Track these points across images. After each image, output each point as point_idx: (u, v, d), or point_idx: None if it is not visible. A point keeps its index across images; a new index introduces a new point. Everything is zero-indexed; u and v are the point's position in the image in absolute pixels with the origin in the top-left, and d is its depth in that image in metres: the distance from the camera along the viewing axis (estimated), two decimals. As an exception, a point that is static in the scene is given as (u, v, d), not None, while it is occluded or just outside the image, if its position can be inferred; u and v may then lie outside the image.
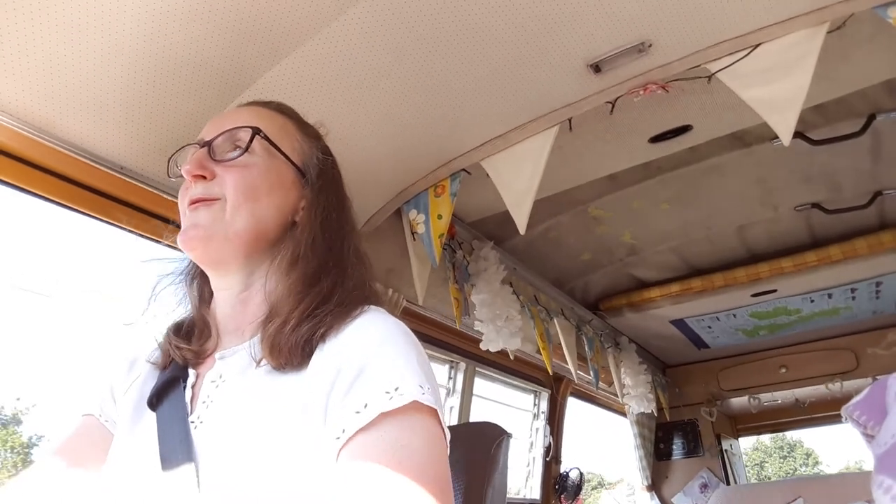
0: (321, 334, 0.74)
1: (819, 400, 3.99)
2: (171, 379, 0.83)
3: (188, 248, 0.82)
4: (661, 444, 4.21)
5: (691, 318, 3.35)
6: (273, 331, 0.75)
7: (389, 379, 0.67)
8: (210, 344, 0.86)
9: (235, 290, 0.85)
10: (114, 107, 1.17)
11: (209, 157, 0.84)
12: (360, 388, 0.67)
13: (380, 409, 0.64)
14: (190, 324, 0.90)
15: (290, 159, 0.87)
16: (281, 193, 0.85)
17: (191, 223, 0.82)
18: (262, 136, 0.85)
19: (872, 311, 3.35)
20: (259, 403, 0.72)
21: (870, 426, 1.79)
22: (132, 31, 1.06)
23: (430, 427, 0.67)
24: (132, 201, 1.33)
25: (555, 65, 1.42)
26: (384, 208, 1.83)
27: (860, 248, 2.62)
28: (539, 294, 2.66)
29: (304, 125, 0.95)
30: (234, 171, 0.82)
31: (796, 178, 2.25)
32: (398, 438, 0.64)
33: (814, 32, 1.33)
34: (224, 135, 0.85)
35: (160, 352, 0.89)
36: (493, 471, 1.59)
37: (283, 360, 0.73)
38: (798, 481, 2.95)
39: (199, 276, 0.93)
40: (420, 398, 0.66)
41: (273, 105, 0.94)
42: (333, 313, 0.76)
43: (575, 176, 2.00)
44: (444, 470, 0.66)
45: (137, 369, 0.92)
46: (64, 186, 1.22)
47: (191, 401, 0.79)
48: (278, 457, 0.66)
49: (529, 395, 3.40)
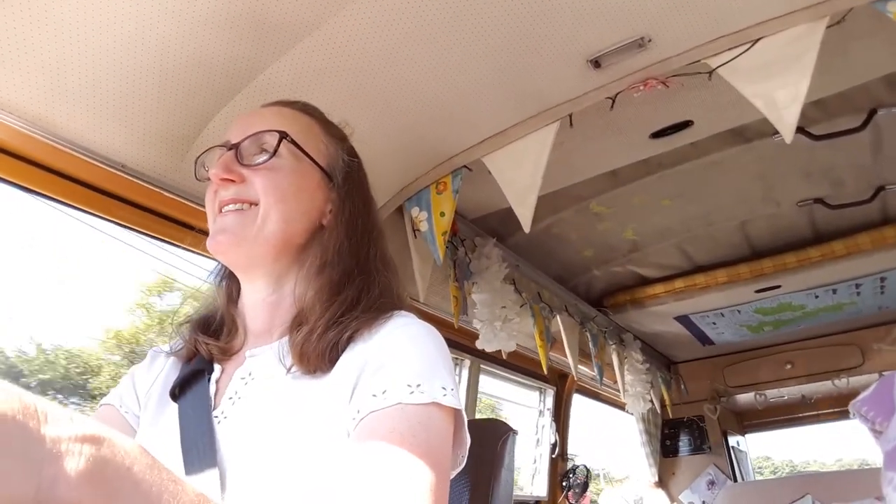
0: (347, 338, 0.75)
1: (825, 396, 3.98)
2: (195, 371, 0.84)
3: (218, 253, 0.83)
4: (667, 441, 4.20)
5: (695, 315, 3.35)
6: (301, 339, 0.76)
7: (413, 375, 0.68)
8: (237, 342, 0.87)
9: (265, 294, 0.85)
10: (114, 104, 1.17)
11: (236, 160, 0.84)
12: (382, 378, 0.68)
13: (398, 399, 0.65)
14: (217, 321, 0.91)
15: (316, 162, 0.87)
16: (308, 197, 0.86)
17: (220, 228, 0.82)
18: (290, 140, 0.84)
19: (878, 307, 3.33)
20: (286, 405, 0.73)
21: (878, 422, 1.78)
22: (132, 28, 1.07)
23: (443, 427, 0.68)
24: (133, 199, 1.34)
25: (555, 60, 1.42)
26: (386, 205, 1.84)
27: (864, 243, 2.61)
28: (542, 291, 2.66)
29: (329, 125, 0.95)
30: (262, 175, 0.83)
31: (798, 173, 2.25)
32: (409, 426, 0.64)
33: (814, 27, 1.33)
34: (251, 138, 0.85)
35: (184, 345, 0.90)
36: (500, 468, 1.60)
37: (312, 367, 0.74)
38: (806, 477, 2.94)
39: (227, 276, 0.93)
40: (441, 399, 0.67)
41: (298, 105, 0.94)
42: (359, 319, 0.77)
43: (576, 172, 2.00)
44: (443, 459, 0.66)
45: (160, 362, 0.93)
46: (64, 184, 1.23)
47: (215, 395, 0.80)
48: (302, 457, 0.67)
49: (535, 392, 3.41)
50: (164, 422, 0.81)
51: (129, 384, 0.92)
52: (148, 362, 0.94)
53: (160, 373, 0.91)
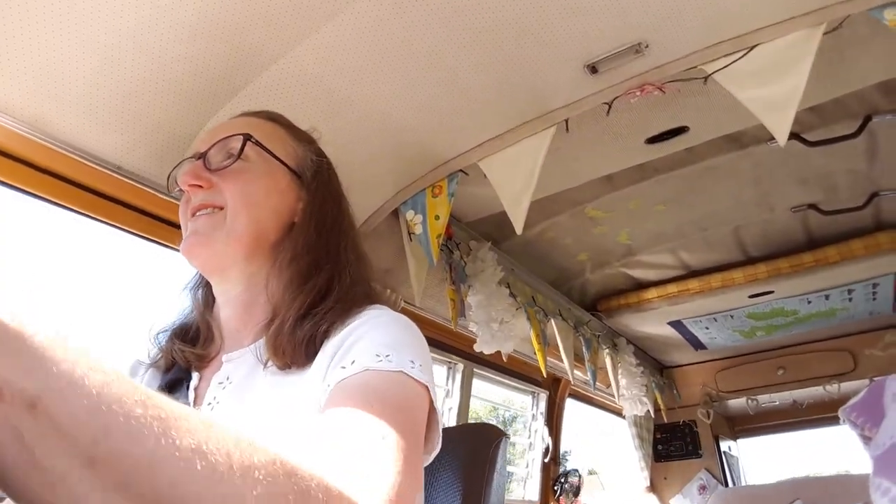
0: (324, 331, 0.75)
1: (817, 401, 3.99)
2: (174, 381, 0.84)
3: (190, 256, 0.83)
4: (659, 446, 4.20)
5: (688, 319, 3.36)
6: (274, 332, 0.76)
7: (382, 347, 0.68)
8: (214, 348, 0.87)
9: (237, 292, 0.86)
10: (110, 106, 1.17)
11: (204, 167, 0.85)
12: (350, 353, 0.68)
13: (366, 365, 0.65)
14: (194, 328, 0.91)
15: (283, 162, 0.88)
16: (278, 197, 0.87)
17: (191, 231, 0.83)
18: (254, 142, 0.86)
19: (869, 313, 3.35)
20: (265, 403, 0.73)
21: (867, 428, 1.79)
22: (128, 32, 1.07)
23: (415, 395, 0.67)
24: (128, 200, 1.33)
25: (552, 66, 1.42)
26: (381, 209, 1.83)
27: (857, 249, 2.63)
28: (536, 294, 2.66)
29: (295, 130, 0.96)
30: (230, 179, 0.84)
31: (792, 179, 2.26)
32: (375, 386, 0.64)
33: (810, 34, 1.33)
34: (217, 144, 0.86)
35: (161, 355, 0.90)
36: (492, 472, 1.59)
37: (288, 360, 0.74)
38: (796, 483, 2.94)
39: (203, 285, 0.94)
40: (409, 371, 0.66)
41: (263, 114, 0.96)
42: (334, 311, 0.77)
43: (572, 177, 2.00)
44: (417, 431, 0.65)
45: (140, 375, 0.92)
46: (59, 185, 1.22)
47: (193, 402, 0.80)
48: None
49: (528, 397, 3.40)
50: None
51: None
52: (129, 374, 0.93)
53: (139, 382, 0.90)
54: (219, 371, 0.82)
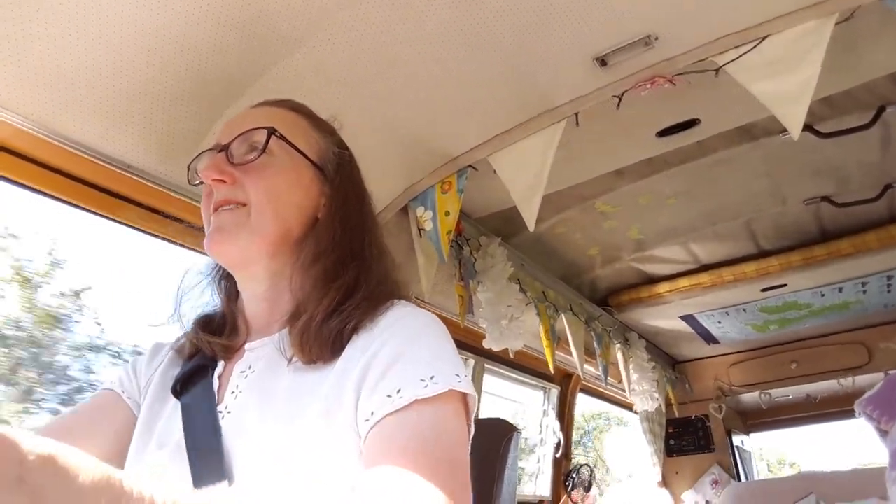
0: (351, 328, 0.75)
1: (831, 395, 3.96)
2: (198, 368, 0.84)
3: (214, 253, 0.83)
4: (671, 441, 4.19)
5: (701, 314, 3.34)
6: (301, 327, 0.76)
7: (425, 368, 0.68)
8: (239, 339, 0.87)
9: (263, 289, 0.85)
10: (120, 105, 1.17)
11: (227, 160, 0.84)
12: (393, 376, 0.67)
13: (415, 395, 0.64)
14: (220, 319, 0.91)
15: (307, 157, 0.87)
16: (301, 192, 0.86)
17: (215, 227, 0.82)
18: (278, 136, 0.84)
19: (884, 305, 3.32)
20: (288, 397, 0.73)
21: (884, 421, 1.78)
22: (137, 29, 1.07)
23: (460, 416, 0.68)
24: (139, 199, 1.34)
25: (561, 59, 1.41)
26: (391, 205, 1.84)
27: (870, 241, 2.60)
28: (547, 290, 2.66)
29: (317, 121, 0.95)
30: (253, 173, 0.83)
31: (805, 171, 2.24)
32: (430, 426, 0.64)
33: (821, 24, 1.32)
34: (240, 137, 0.85)
35: (186, 341, 0.90)
36: (503, 466, 1.60)
37: (314, 356, 0.74)
38: (810, 477, 2.92)
39: (225, 277, 0.94)
40: (456, 386, 0.67)
41: (286, 103, 0.94)
42: (361, 307, 0.77)
43: (582, 171, 2.00)
44: (465, 458, 0.66)
45: (161, 357, 0.93)
46: (70, 185, 1.23)
47: (218, 390, 0.80)
48: (305, 449, 0.67)
49: (539, 392, 3.40)
50: (165, 418, 0.82)
51: (130, 372, 0.92)
52: (150, 356, 0.95)
53: (159, 366, 0.91)
54: (241, 360, 0.82)
